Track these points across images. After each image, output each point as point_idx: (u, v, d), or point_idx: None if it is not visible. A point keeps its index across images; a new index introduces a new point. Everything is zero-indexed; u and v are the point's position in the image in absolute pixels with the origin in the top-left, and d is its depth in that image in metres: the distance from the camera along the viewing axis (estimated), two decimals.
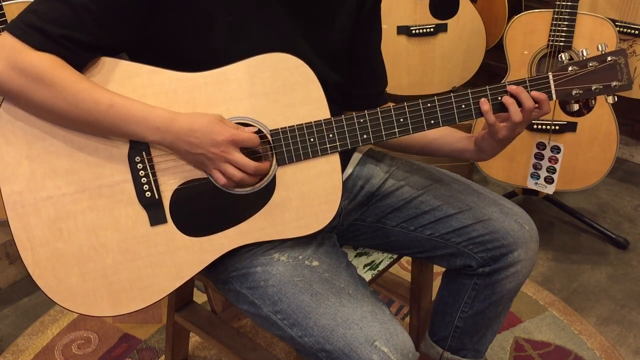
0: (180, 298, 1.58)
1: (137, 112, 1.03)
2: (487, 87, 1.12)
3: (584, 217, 2.35)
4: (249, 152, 1.12)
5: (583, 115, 1.18)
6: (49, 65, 1.00)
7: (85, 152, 1.06)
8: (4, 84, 1.00)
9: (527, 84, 1.12)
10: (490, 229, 1.25)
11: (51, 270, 1.07)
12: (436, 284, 1.49)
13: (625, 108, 2.55)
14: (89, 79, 1.03)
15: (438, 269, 1.66)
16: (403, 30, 2.35)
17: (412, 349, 1.09)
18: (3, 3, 1.78)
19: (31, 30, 0.99)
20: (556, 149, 2.02)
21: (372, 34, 1.30)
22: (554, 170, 2.04)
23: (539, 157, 2.06)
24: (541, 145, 2.04)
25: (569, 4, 1.92)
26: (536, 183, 2.08)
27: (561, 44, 1.96)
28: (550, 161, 2.04)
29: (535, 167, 2.07)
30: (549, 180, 2.06)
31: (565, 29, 1.94)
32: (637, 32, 2.15)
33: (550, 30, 1.96)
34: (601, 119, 2.02)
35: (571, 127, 2.05)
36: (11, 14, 1.81)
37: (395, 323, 1.08)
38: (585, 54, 1.13)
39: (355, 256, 1.39)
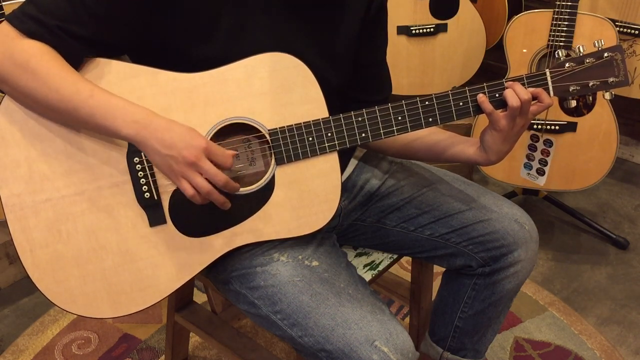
0: (180, 298, 1.58)
1: (117, 104, 1.01)
2: (485, 84, 1.12)
3: (584, 217, 2.35)
4: (247, 149, 1.12)
5: (583, 115, 1.19)
6: (37, 52, 1.00)
7: (83, 153, 1.06)
8: None
9: (525, 81, 1.12)
10: (490, 229, 1.25)
11: (51, 272, 1.07)
12: (436, 284, 1.49)
13: (625, 108, 2.55)
14: (75, 71, 1.03)
15: (438, 269, 1.66)
16: (403, 30, 2.35)
17: (412, 349, 1.09)
18: (3, 3, 1.77)
19: (27, 19, 1.00)
20: (548, 143, 2.04)
21: (378, 40, 1.29)
22: (545, 163, 2.05)
23: (532, 148, 2.07)
24: (534, 138, 2.06)
25: (569, 4, 1.91)
26: (528, 174, 2.09)
27: (561, 44, 1.96)
28: (542, 153, 2.05)
29: (528, 157, 2.08)
30: (540, 172, 2.07)
31: (565, 29, 1.94)
32: (637, 32, 2.15)
33: (550, 30, 1.96)
34: (601, 119, 2.02)
35: (571, 127, 2.05)
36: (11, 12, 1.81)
37: (395, 323, 1.08)
38: (582, 50, 1.13)
39: (355, 256, 1.39)
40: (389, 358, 1.03)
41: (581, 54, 1.13)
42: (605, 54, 1.12)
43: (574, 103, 1.16)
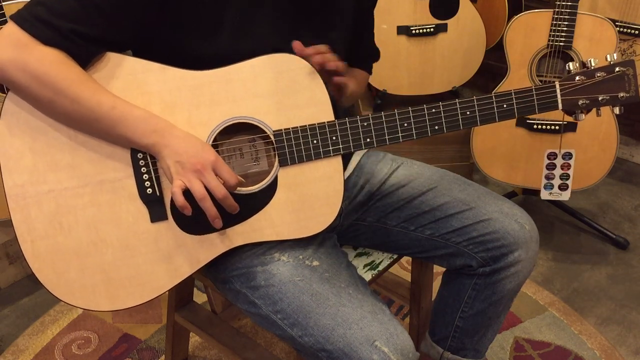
0: (180, 298, 1.58)
1: (138, 116, 1.03)
2: (493, 94, 1.12)
3: (584, 217, 2.35)
4: (251, 149, 1.13)
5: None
6: (54, 63, 1.00)
7: (88, 146, 1.06)
8: (8, 75, 1.00)
9: (534, 92, 1.11)
10: (490, 229, 1.25)
11: (50, 263, 1.07)
12: (436, 284, 1.49)
13: (625, 108, 2.55)
14: (93, 79, 1.04)
15: (438, 269, 1.66)
16: (403, 30, 2.35)
17: (412, 349, 1.09)
18: (3, 3, 1.77)
19: (39, 23, 0.99)
20: (568, 155, 2.00)
21: (369, 24, 1.36)
22: (567, 177, 2.02)
23: (551, 167, 2.04)
24: (552, 156, 2.02)
25: (569, 4, 1.91)
26: (551, 193, 2.06)
27: (561, 44, 1.96)
28: (563, 168, 2.03)
29: (547, 177, 2.04)
30: (563, 187, 2.05)
31: (565, 29, 1.94)
32: (637, 32, 2.15)
33: (550, 30, 1.96)
34: (601, 119, 2.02)
35: (571, 127, 2.05)
36: (12, 13, 1.81)
37: (395, 323, 1.08)
38: (593, 63, 1.11)
39: (356, 256, 1.39)
40: (389, 358, 1.03)
41: (592, 67, 1.11)
42: (617, 69, 1.10)
43: (583, 117, 1.14)
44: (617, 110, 1.14)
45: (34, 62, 0.99)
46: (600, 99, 1.11)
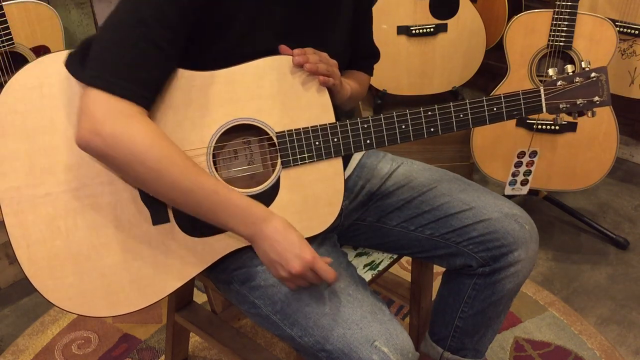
0: (180, 298, 1.58)
1: (238, 204, 1.03)
2: (484, 97, 1.16)
3: (584, 217, 2.35)
4: (253, 150, 1.13)
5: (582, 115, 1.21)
6: (156, 140, 0.99)
7: None
8: (108, 151, 0.98)
9: (521, 97, 1.17)
10: (490, 228, 1.25)
11: (47, 269, 1.05)
12: (436, 284, 1.49)
13: (625, 108, 2.55)
14: (191, 159, 1.03)
15: (438, 269, 1.66)
16: (403, 30, 2.35)
17: (412, 349, 1.09)
18: (3, 3, 1.78)
19: (123, 82, 0.97)
20: (534, 154, 2.07)
21: (368, 24, 1.35)
22: (529, 173, 2.10)
23: (518, 165, 2.10)
24: (521, 155, 2.08)
25: (569, 4, 1.91)
26: (513, 189, 2.13)
27: (561, 44, 1.96)
28: (527, 165, 2.10)
29: (513, 174, 2.11)
30: (524, 183, 2.12)
31: (565, 29, 1.94)
32: (637, 32, 2.15)
33: (550, 30, 1.96)
34: (601, 119, 2.02)
35: (571, 127, 2.05)
36: (11, 13, 1.81)
37: (395, 323, 1.08)
38: (569, 70, 1.19)
39: (355, 256, 1.39)
40: (389, 358, 1.03)
41: (570, 74, 1.19)
42: (592, 75, 1.18)
43: (562, 117, 1.22)
44: (590, 114, 1.21)
45: (137, 139, 0.97)
46: (578, 102, 1.19)
